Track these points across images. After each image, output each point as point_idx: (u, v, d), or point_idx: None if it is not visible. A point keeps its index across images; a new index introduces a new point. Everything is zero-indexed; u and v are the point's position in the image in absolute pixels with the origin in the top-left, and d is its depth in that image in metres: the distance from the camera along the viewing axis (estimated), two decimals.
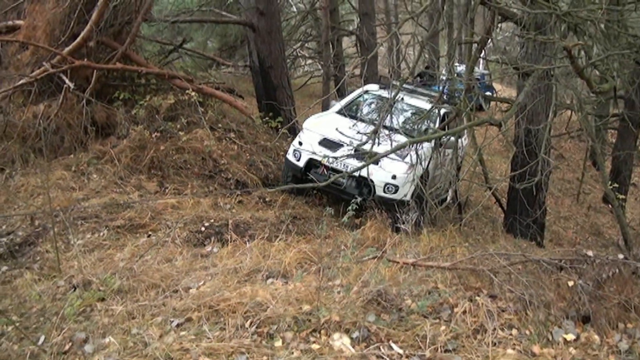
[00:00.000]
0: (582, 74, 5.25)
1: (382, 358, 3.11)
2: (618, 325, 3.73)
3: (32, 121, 7.00)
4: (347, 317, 3.37)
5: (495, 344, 3.45)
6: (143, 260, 4.68)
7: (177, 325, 3.33)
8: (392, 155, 6.58)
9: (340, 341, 3.18)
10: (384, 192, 7.29)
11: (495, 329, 3.54)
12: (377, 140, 6.30)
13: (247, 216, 6.98)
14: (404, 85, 8.52)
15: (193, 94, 8.22)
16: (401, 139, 6.96)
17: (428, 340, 3.25)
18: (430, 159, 7.40)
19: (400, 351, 3.20)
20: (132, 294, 3.86)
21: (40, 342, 3.23)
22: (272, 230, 6.71)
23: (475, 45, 7.03)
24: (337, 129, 7.72)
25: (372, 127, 7.61)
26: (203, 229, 6.43)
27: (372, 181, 7.24)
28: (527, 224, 8.48)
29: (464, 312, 3.68)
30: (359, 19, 16.12)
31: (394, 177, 7.19)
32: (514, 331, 3.56)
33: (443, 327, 3.53)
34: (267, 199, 7.95)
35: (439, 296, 3.86)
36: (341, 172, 7.36)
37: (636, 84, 9.91)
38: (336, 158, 6.89)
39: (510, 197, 8.99)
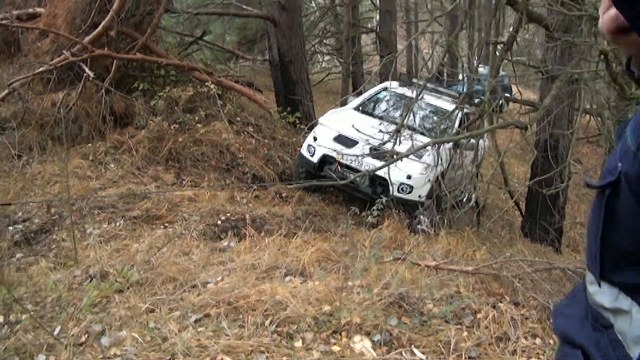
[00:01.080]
0: (617, 79, 5.12)
1: None
2: None
3: (50, 109, 6.99)
4: (368, 320, 3.29)
5: (518, 352, 3.36)
6: (160, 253, 4.62)
7: (196, 321, 3.27)
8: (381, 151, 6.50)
9: (362, 344, 3.10)
10: (399, 191, 7.14)
11: (518, 337, 3.45)
12: (398, 140, 6.20)
13: (264, 211, 6.92)
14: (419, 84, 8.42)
15: (212, 86, 8.17)
16: (421, 138, 6.86)
17: (451, 347, 3.15)
18: (451, 160, 7.29)
19: (423, 357, 3.12)
20: (150, 286, 3.80)
21: (56, 333, 3.18)
22: (289, 226, 6.67)
23: (498, 47, 6.94)
24: (353, 126, 7.59)
25: (391, 126, 7.54)
26: (219, 222, 6.38)
27: (386, 180, 7.07)
28: (546, 228, 8.36)
29: (487, 318, 3.59)
30: (378, 17, 15.99)
31: (409, 177, 7.06)
32: (538, 340, 3.47)
33: (465, 334, 3.45)
34: (283, 195, 7.89)
35: (461, 301, 3.77)
36: (355, 169, 7.27)
37: None
38: (357, 156, 6.77)
39: (529, 201, 8.87)
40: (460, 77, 11.25)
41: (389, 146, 6.46)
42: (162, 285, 3.83)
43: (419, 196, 7.18)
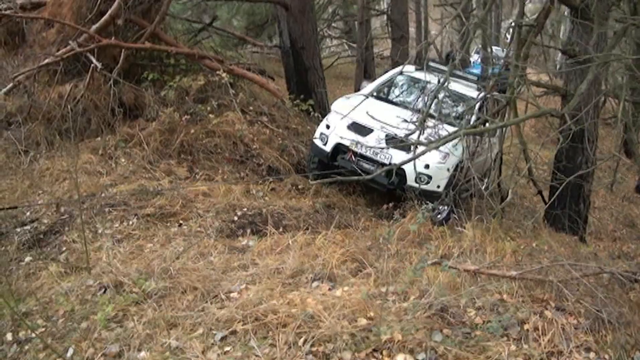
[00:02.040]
0: None
1: None
2: None
3: (57, 102, 6.69)
4: (409, 335, 3.01)
5: None
6: (177, 256, 4.34)
7: (221, 339, 3.00)
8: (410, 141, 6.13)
9: None
10: (416, 182, 6.79)
11: (571, 351, 3.17)
12: (423, 130, 5.87)
13: (281, 205, 6.65)
14: (441, 68, 8.04)
15: (224, 75, 7.85)
16: (444, 127, 6.52)
17: None
18: (477, 147, 6.94)
19: None
20: (169, 298, 3.53)
21: (68, 355, 2.92)
22: (308, 221, 6.40)
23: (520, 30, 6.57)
24: (367, 113, 7.10)
25: (409, 113, 7.18)
26: (236, 218, 6.13)
27: (403, 170, 6.72)
28: (570, 217, 8.05)
29: (536, 329, 3.31)
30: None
31: (426, 166, 6.71)
32: (592, 355, 3.18)
33: (514, 347, 3.17)
34: (299, 187, 7.61)
35: (505, 310, 3.49)
36: (371, 159, 6.95)
37: None
38: (382, 148, 6.41)
39: (553, 188, 8.54)
40: (473, 60, 10.88)
41: (413, 136, 6.13)
42: (182, 296, 3.56)
43: (438, 186, 6.85)
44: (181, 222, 5.80)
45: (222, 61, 8.26)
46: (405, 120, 6.17)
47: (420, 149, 6.09)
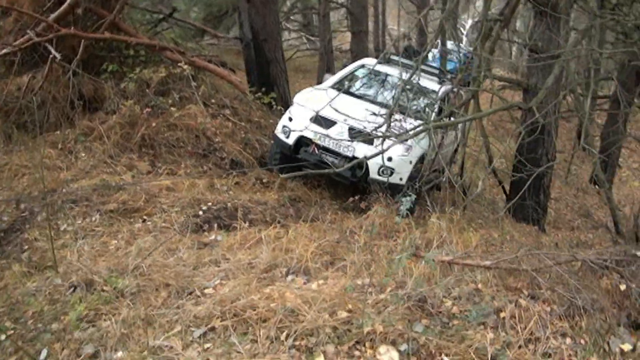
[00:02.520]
0: None
1: None
2: None
3: (15, 94, 6.41)
4: (391, 327, 3.00)
5: (549, 355, 3.13)
6: (146, 254, 4.22)
7: (200, 336, 2.92)
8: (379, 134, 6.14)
9: (388, 355, 2.82)
10: (379, 174, 6.80)
11: (548, 337, 3.22)
12: (391, 123, 5.86)
13: (246, 199, 6.57)
14: (404, 61, 8.08)
15: (186, 67, 7.69)
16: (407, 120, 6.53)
17: (489, 356, 2.90)
18: (442, 142, 7.01)
19: None
20: (142, 295, 3.42)
21: (42, 358, 2.79)
22: (274, 215, 6.34)
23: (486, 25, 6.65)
24: (330, 106, 7.02)
25: (372, 105, 7.17)
26: (201, 213, 6.01)
27: (366, 163, 6.66)
28: (531, 207, 8.22)
29: (512, 317, 3.35)
30: None
31: (389, 159, 6.68)
32: (568, 340, 3.24)
33: (491, 335, 3.19)
34: (264, 180, 7.52)
35: (481, 299, 3.52)
36: (334, 151, 6.93)
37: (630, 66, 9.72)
38: (346, 140, 6.37)
39: (516, 180, 8.70)
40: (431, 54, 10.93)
41: (380, 130, 6.12)
42: (156, 293, 3.46)
43: (401, 179, 6.86)
44: (145, 217, 5.67)
45: (183, 53, 8.09)
46: (374, 114, 6.14)
47: (388, 142, 6.12)
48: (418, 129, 5.28)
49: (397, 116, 6.27)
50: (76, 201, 5.44)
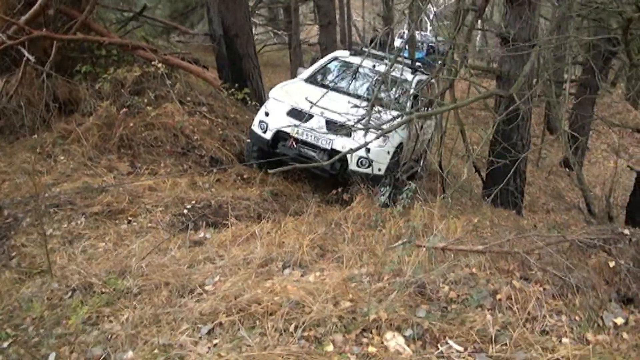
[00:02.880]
0: (629, 45, 5.01)
1: (444, 358, 2.83)
2: None
3: None
4: (394, 313, 3.06)
5: (547, 332, 3.23)
6: (143, 254, 4.21)
7: (208, 332, 2.94)
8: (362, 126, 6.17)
9: (395, 341, 2.88)
10: (358, 166, 6.86)
11: (544, 316, 3.32)
12: (371, 115, 5.91)
13: (229, 195, 6.59)
14: (374, 52, 8.13)
15: (160, 65, 7.62)
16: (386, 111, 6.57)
17: (492, 336, 2.98)
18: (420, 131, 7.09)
19: (460, 348, 2.93)
20: (143, 295, 3.42)
21: None
22: (258, 210, 6.37)
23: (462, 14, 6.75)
24: (307, 98, 7.06)
25: (347, 97, 7.19)
26: (186, 211, 6.03)
27: (345, 155, 6.58)
28: (506, 193, 8.39)
29: (508, 298, 3.44)
30: None
31: (367, 150, 6.68)
32: (564, 317, 3.35)
33: (489, 317, 3.28)
34: (245, 176, 7.52)
35: (476, 283, 3.61)
36: (312, 144, 6.94)
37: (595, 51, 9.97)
38: (324, 133, 6.38)
39: (491, 166, 8.86)
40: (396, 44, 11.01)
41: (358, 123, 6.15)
42: (156, 292, 3.46)
43: (379, 169, 6.93)
44: (130, 218, 5.64)
45: (156, 51, 8.02)
46: (355, 106, 6.18)
47: (370, 134, 6.16)
48: (404, 118, 5.32)
49: (375, 107, 6.32)
50: (60, 205, 5.37)
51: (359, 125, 5.94)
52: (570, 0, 4.98)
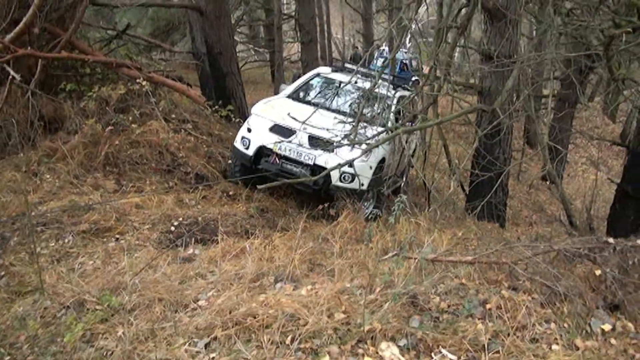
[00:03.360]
0: (611, 60, 5.16)
1: None
2: None
3: None
4: (388, 324, 3.11)
5: (537, 340, 3.30)
6: (136, 270, 4.20)
7: (205, 346, 2.95)
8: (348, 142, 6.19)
9: (390, 351, 2.92)
10: (341, 181, 6.87)
11: (534, 324, 3.39)
12: (357, 131, 5.98)
13: (215, 212, 6.62)
14: (353, 67, 8.19)
15: (144, 83, 7.65)
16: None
17: (485, 346, 3.04)
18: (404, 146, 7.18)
19: (454, 357, 2.98)
20: (137, 311, 3.42)
21: None
22: (245, 226, 6.40)
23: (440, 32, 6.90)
24: (289, 114, 7.16)
25: (329, 113, 7.22)
26: (173, 228, 6.04)
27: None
28: (492, 205, 8.49)
29: (498, 307, 3.51)
30: (297, 4, 15.70)
31: (350, 165, 6.66)
32: (552, 325, 3.42)
33: (481, 326, 3.34)
34: (230, 193, 7.55)
35: (466, 293, 3.67)
36: (295, 160, 6.94)
37: (574, 66, 10.20)
38: (308, 148, 6.40)
39: (473, 181, 8.98)
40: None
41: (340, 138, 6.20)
42: (150, 308, 3.47)
43: (362, 184, 6.94)
44: (118, 236, 5.63)
45: (140, 69, 8.04)
46: (342, 122, 6.24)
47: (355, 151, 6.20)
48: (391, 133, 5.40)
49: (360, 123, 6.39)
50: (47, 224, 5.35)
51: (345, 141, 6.01)
52: (551, 18, 5.12)
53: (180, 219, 6.24)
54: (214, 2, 9.51)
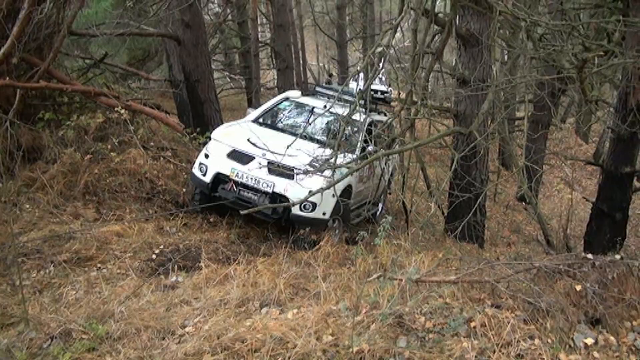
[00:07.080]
0: (583, 82, 5.33)
1: None
2: (624, 324, 3.78)
3: None
4: (376, 345, 3.14)
5: (522, 356, 3.36)
6: (127, 297, 4.19)
7: None
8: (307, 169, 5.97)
9: None
10: (301, 210, 6.55)
11: (518, 340, 3.45)
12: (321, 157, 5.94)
13: (196, 239, 6.63)
14: (323, 92, 8.13)
15: (123, 111, 7.65)
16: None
17: None
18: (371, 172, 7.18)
19: None
20: (124, 340, 3.40)
21: None
22: (226, 252, 6.40)
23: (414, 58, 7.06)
24: (249, 140, 6.87)
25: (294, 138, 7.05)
26: (154, 256, 6.02)
27: (287, 199, 6.48)
28: (472, 226, 8.60)
29: (482, 325, 3.57)
30: (273, 31, 15.89)
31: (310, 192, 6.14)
32: (537, 341, 3.49)
33: (466, 344, 3.39)
34: (211, 220, 7.54)
35: (450, 312, 3.73)
36: (253, 188, 6.64)
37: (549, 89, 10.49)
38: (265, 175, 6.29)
39: (452, 202, 9.11)
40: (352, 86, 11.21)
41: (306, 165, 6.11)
42: (137, 336, 3.45)
43: (324, 213, 6.66)
44: (99, 265, 5.60)
45: (118, 97, 8.04)
46: (322, 146, 6.20)
47: (313, 180, 6.08)
48: (372, 156, 5.47)
49: (321, 150, 6.22)
50: (28, 254, 5.31)
51: (309, 168, 5.85)
52: (524, 43, 5.30)
53: (162, 246, 6.23)
54: (191, 31, 9.59)
